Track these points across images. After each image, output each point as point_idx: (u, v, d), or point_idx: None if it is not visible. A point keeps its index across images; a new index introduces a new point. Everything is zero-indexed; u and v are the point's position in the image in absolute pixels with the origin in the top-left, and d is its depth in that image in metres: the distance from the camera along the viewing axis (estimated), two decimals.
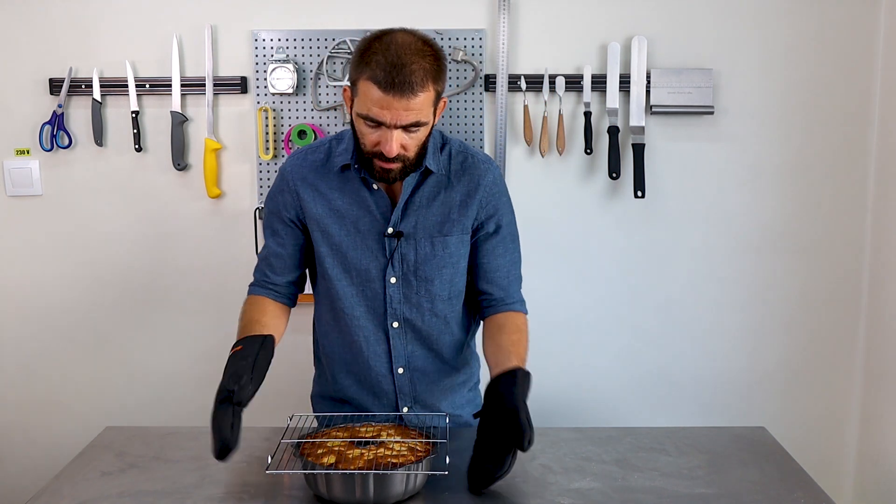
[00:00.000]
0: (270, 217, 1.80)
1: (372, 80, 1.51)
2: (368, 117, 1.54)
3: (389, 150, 1.55)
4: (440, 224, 1.73)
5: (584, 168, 2.47)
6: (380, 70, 1.50)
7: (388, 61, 1.50)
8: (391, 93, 1.50)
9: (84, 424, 2.40)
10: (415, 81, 1.51)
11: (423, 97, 1.53)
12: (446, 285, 1.77)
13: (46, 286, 2.54)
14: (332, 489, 1.47)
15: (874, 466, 2.46)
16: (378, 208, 1.72)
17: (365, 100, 1.53)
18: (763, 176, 2.48)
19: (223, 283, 2.53)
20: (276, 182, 1.80)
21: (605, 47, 2.40)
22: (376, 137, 1.57)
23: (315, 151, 1.77)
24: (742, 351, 2.55)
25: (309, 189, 1.74)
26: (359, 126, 1.59)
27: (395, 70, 1.50)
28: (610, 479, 1.59)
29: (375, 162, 1.61)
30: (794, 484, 1.59)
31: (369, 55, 1.53)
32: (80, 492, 1.55)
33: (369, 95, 1.52)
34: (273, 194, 1.79)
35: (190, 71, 2.44)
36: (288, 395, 2.58)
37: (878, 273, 2.45)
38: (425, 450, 1.54)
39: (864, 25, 2.41)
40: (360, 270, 1.75)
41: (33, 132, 2.46)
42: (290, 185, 1.76)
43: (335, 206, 1.73)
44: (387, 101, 1.51)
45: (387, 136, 1.55)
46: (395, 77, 1.49)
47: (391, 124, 1.54)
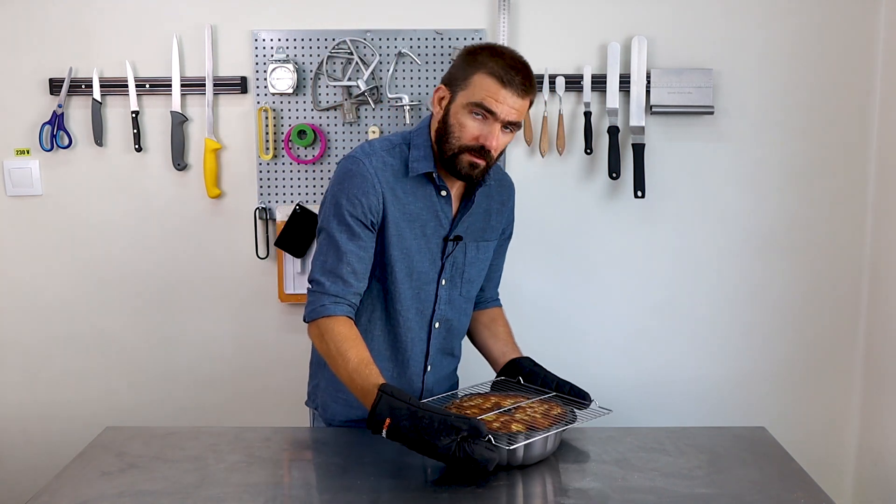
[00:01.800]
0: (348, 218, 1.72)
1: (492, 74, 1.65)
2: (481, 105, 1.66)
3: (492, 143, 1.67)
4: (482, 230, 1.87)
5: (584, 168, 2.47)
6: (500, 68, 1.66)
7: (507, 62, 1.67)
8: (509, 88, 1.65)
9: (84, 424, 2.40)
10: (528, 84, 1.68)
11: (527, 102, 1.70)
12: (477, 285, 1.93)
13: (46, 286, 2.54)
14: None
15: (874, 466, 2.46)
16: (443, 213, 1.80)
17: (479, 90, 1.66)
18: (763, 176, 2.48)
19: (223, 283, 2.53)
20: (354, 182, 1.72)
21: (605, 47, 2.40)
22: (478, 130, 1.68)
23: (391, 155, 1.77)
24: (742, 351, 2.55)
25: (391, 192, 1.75)
26: (460, 119, 1.69)
27: (515, 69, 1.67)
28: (610, 479, 1.59)
29: (465, 157, 1.70)
30: (794, 484, 1.59)
31: (484, 57, 1.68)
32: (80, 492, 1.55)
33: (486, 87, 1.65)
34: (354, 195, 1.72)
35: (190, 71, 2.44)
36: (288, 395, 2.59)
37: (878, 273, 2.45)
38: (559, 414, 1.68)
39: (864, 25, 2.41)
40: (420, 273, 1.81)
41: (33, 132, 2.46)
42: (377, 187, 1.73)
43: (409, 211, 1.77)
44: (503, 95, 1.65)
45: (492, 130, 1.67)
46: (516, 75, 1.66)
47: (501, 118, 1.67)
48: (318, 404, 1.94)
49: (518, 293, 2.49)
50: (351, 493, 1.54)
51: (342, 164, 1.77)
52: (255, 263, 2.51)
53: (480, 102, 1.66)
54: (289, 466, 1.75)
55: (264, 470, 1.66)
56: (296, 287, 2.48)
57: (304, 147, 2.43)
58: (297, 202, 2.46)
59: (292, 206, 2.44)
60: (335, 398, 1.89)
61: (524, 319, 2.51)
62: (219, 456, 1.70)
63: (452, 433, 1.47)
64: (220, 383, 2.58)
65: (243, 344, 2.57)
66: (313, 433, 1.91)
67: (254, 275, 2.52)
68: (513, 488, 1.56)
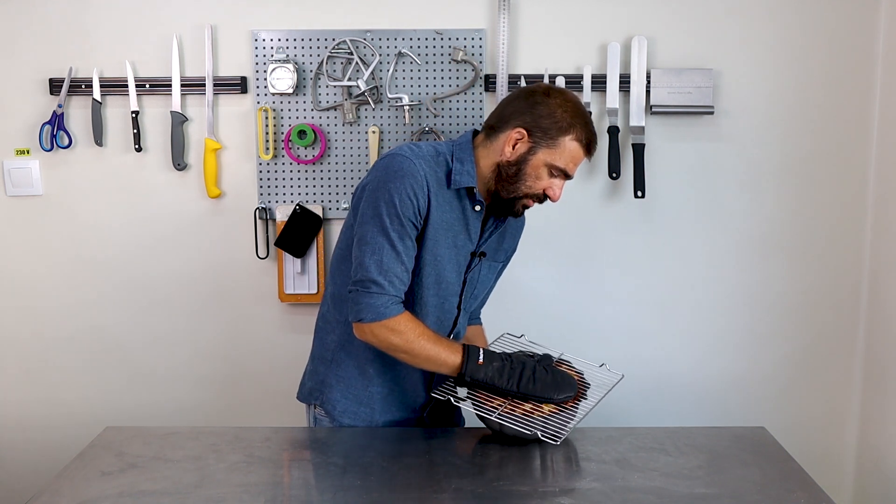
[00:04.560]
0: (404, 220, 1.72)
1: (581, 143, 1.78)
2: (564, 171, 1.79)
3: (557, 196, 1.82)
4: (496, 251, 1.94)
5: (584, 168, 2.47)
6: (588, 136, 1.78)
7: (590, 131, 1.79)
8: (588, 156, 1.82)
9: (84, 424, 2.40)
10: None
11: None
12: (476, 304, 2.03)
13: (46, 286, 2.54)
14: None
15: (874, 466, 2.46)
16: (473, 228, 1.84)
17: (567, 156, 1.78)
18: (763, 176, 2.48)
19: (223, 283, 2.53)
20: (406, 181, 1.71)
21: (605, 47, 2.40)
22: (548, 185, 1.80)
23: (436, 162, 1.80)
24: (742, 351, 2.55)
25: (435, 198, 1.77)
26: (538, 172, 1.78)
27: (595, 140, 1.81)
28: (610, 479, 1.59)
29: (523, 202, 1.82)
30: (794, 484, 1.59)
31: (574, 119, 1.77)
32: (80, 492, 1.55)
33: (574, 155, 1.78)
34: (406, 193, 1.71)
35: (190, 71, 2.44)
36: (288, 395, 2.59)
37: (878, 273, 2.45)
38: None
39: (864, 25, 2.41)
40: (447, 283, 1.84)
41: (33, 132, 2.46)
42: (425, 188, 1.74)
43: (446, 219, 1.80)
44: (580, 160, 1.81)
45: (559, 186, 1.81)
46: (593, 147, 1.81)
47: (570, 177, 1.83)
48: (325, 400, 1.92)
49: (518, 293, 2.50)
50: (351, 493, 1.54)
51: (390, 161, 1.74)
52: (255, 263, 2.51)
53: (565, 169, 1.79)
54: (289, 466, 1.75)
55: (264, 470, 1.66)
56: (296, 287, 2.48)
57: (304, 147, 2.43)
58: (297, 202, 2.46)
59: (292, 206, 2.44)
60: (345, 394, 1.89)
61: (524, 319, 2.51)
62: (219, 456, 1.70)
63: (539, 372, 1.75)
64: (220, 383, 2.58)
65: (243, 344, 2.57)
66: (313, 433, 1.91)
67: (254, 275, 2.52)
68: (513, 488, 1.56)
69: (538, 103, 1.77)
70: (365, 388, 1.88)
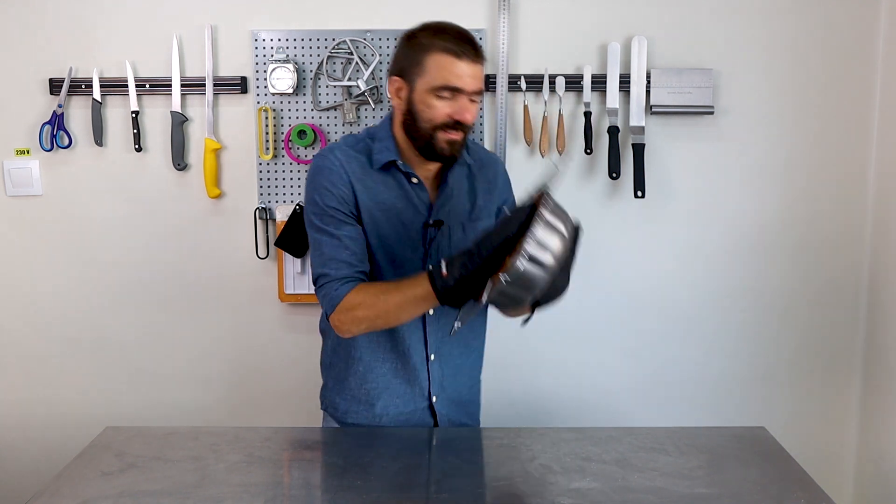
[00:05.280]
0: (331, 211, 1.74)
1: (445, 51, 1.67)
2: (447, 87, 1.67)
3: (467, 117, 1.69)
4: (469, 211, 1.85)
5: (584, 168, 2.47)
6: (451, 42, 1.68)
7: (454, 35, 1.69)
8: (465, 59, 1.67)
9: (84, 424, 2.40)
10: (479, 50, 1.70)
11: (483, 67, 1.72)
12: None
13: (46, 286, 2.54)
14: None
15: (874, 466, 2.46)
16: (420, 200, 1.79)
17: (440, 71, 1.67)
18: (763, 176, 2.48)
19: (223, 283, 2.53)
20: (324, 177, 1.75)
21: (605, 47, 2.40)
22: (450, 108, 1.69)
23: (356, 149, 1.79)
24: (742, 351, 2.55)
25: (360, 183, 1.76)
26: (429, 102, 1.69)
27: (465, 41, 1.69)
28: (610, 479, 1.59)
29: (441, 136, 1.71)
30: (794, 484, 1.59)
31: (428, 38, 1.69)
32: (80, 492, 1.55)
33: (443, 66, 1.67)
34: (325, 188, 1.75)
35: (190, 71, 2.44)
36: (287, 395, 2.59)
37: (879, 273, 2.45)
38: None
39: (864, 26, 2.41)
40: (404, 261, 1.80)
41: (33, 132, 2.46)
42: (346, 178, 1.75)
43: (381, 200, 1.78)
44: (463, 68, 1.67)
45: (464, 105, 1.69)
46: (466, 47, 1.68)
47: (469, 90, 1.68)
48: (328, 404, 1.95)
49: None
50: (351, 493, 1.54)
51: (311, 164, 1.79)
52: (255, 263, 2.51)
53: (445, 84, 1.68)
54: (289, 466, 1.75)
55: (264, 470, 1.66)
56: (296, 287, 2.48)
57: (304, 147, 2.43)
58: (297, 202, 2.46)
59: (292, 206, 2.44)
60: (342, 395, 1.91)
61: None
62: (219, 456, 1.70)
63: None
64: (220, 383, 2.58)
65: (243, 344, 2.57)
66: (313, 433, 1.91)
67: (254, 275, 2.52)
68: (513, 488, 1.56)
69: (399, 47, 1.75)
70: (360, 386, 1.88)
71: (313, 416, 2.47)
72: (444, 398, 1.91)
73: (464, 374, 1.96)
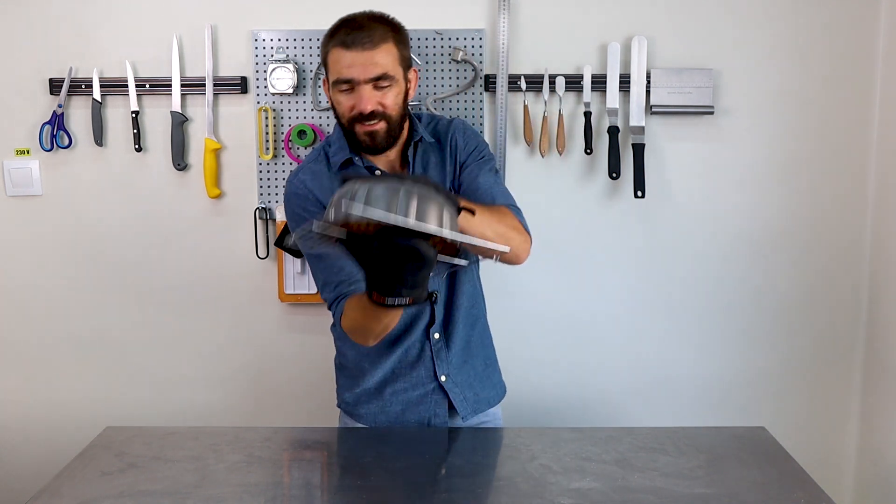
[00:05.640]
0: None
1: (336, 45, 1.67)
2: (340, 80, 1.67)
3: (364, 106, 1.67)
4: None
5: (584, 168, 2.47)
6: (342, 34, 1.67)
7: (347, 26, 1.68)
8: (354, 49, 1.65)
9: (84, 424, 2.40)
10: (374, 35, 1.67)
11: (384, 50, 1.68)
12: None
13: (46, 286, 2.54)
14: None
15: (874, 466, 2.46)
16: None
17: (333, 65, 1.68)
18: (763, 176, 2.48)
19: (223, 283, 2.53)
20: (294, 203, 1.80)
21: (605, 47, 2.40)
22: (351, 101, 1.69)
23: (315, 162, 1.83)
24: (742, 351, 2.55)
25: (326, 194, 1.77)
26: (336, 98, 1.70)
27: (354, 29, 1.67)
28: (610, 479, 1.59)
29: (357, 128, 1.70)
30: (794, 484, 1.59)
31: (334, 31, 1.70)
32: (80, 492, 1.55)
33: (336, 59, 1.67)
34: (297, 213, 1.79)
35: (190, 71, 2.44)
36: (287, 395, 2.59)
37: (879, 273, 2.45)
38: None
39: (864, 25, 2.41)
40: None
41: (33, 132, 2.46)
42: (312, 197, 1.78)
43: None
44: (352, 58, 1.66)
45: (359, 94, 1.67)
46: (354, 35, 1.66)
47: (360, 79, 1.66)
48: (342, 401, 1.98)
49: (518, 293, 2.50)
50: (351, 493, 1.54)
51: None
52: (255, 263, 2.51)
53: (337, 77, 1.68)
54: (289, 466, 1.75)
55: (264, 470, 1.66)
56: (296, 287, 2.48)
57: (304, 147, 2.43)
58: None
59: None
60: (351, 389, 1.94)
61: (524, 319, 2.52)
62: (219, 456, 1.70)
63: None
64: (219, 383, 2.58)
65: (243, 344, 2.57)
66: (313, 433, 1.91)
67: (254, 275, 2.52)
68: (512, 488, 1.56)
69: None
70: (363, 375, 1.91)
71: (313, 416, 2.48)
72: (454, 378, 1.90)
73: (472, 349, 1.95)
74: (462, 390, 1.91)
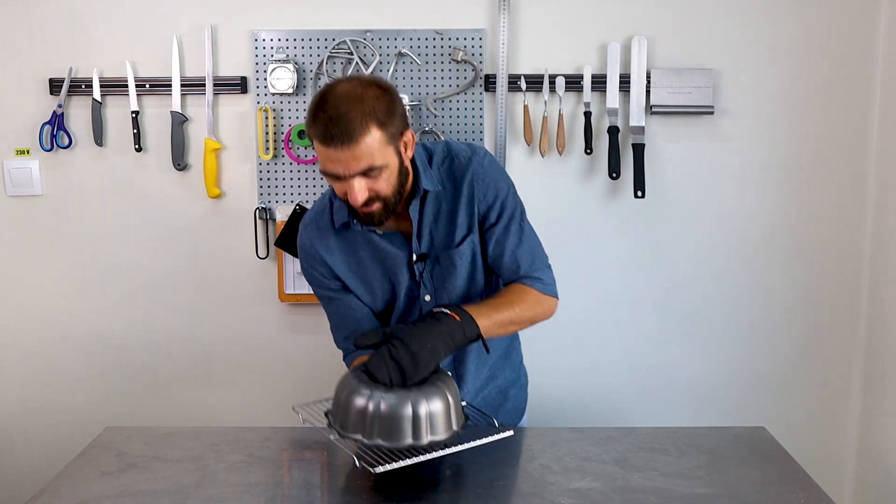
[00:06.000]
0: (319, 290, 1.83)
1: (316, 137, 1.55)
2: (325, 173, 1.58)
3: (354, 200, 1.58)
4: (451, 235, 1.75)
5: (584, 168, 2.47)
6: (321, 126, 1.53)
7: (326, 115, 1.53)
8: (332, 146, 1.52)
9: (84, 424, 2.40)
10: (353, 129, 1.51)
11: (368, 142, 1.53)
12: (468, 285, 1.79)
13: (46, 286, 2.54)
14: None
15: (874, 466, 2.46)
16: (394, 246, 1.75)
17: (319, 155, 1.57)
18: (763, 176, 2.48)
19: (223, 283, 2.53)
20: (302, 257, 1.82)
21: (605, 47, 2.40)
22: (342, 189, 1.59)
23: (321, 216, 1.79)
24: (742, 351, 2.55)
25: (332, 252, 1.78)
26: (329, 180, 1.61)
27: (332, 122, 1.51)
28: (610, 479, 1.59)
29: (356, 210, 1.64)
30: (794, 484, 1.59)
31: (314, 113, 1.55)
32: (80, 492, 1.55)
33: (319, 152, 1.56)
34: (307, 270, 1.82)
35: (190, 71, 2.44)
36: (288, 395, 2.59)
37: (878, 273, 2.45)
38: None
39: (864, 25, 2.41)
40: (399, 300, 1.81)
41: (33, 132, 2.46)
42: (316, 255, 1.79)
43: (359, 258, 1.78)
44: (333, 154, 1.53)
45: (349, 186, 1.57)
46: (333, 130, 1.51)
47: (344, 175, 1.55)
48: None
49: None
50: (351, 493, 1.54)
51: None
52: (255, 263, 2.51)
53: (324, 171, 1.58)
54: (289, 466, 1.75)
55: (264, 470, 1.66)
56: (296, 287, 2.48)
57: (304, 147, 2.43)
58: (297, 202, 2.46)
59: (292, 206, 2.44)
60: None
61: None
62: (219, 456, 1.70)
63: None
64: (220, 383, 2.58)
65: (243, 344, 2.57)
66: (313, 433, 1.91)
67: (254, 275, 2.52)
68: (512, 488, 1.56)
69: None
70: None
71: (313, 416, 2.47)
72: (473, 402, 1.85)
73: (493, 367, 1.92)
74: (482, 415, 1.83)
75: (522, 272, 1.77)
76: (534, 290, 1.77)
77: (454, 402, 1.55)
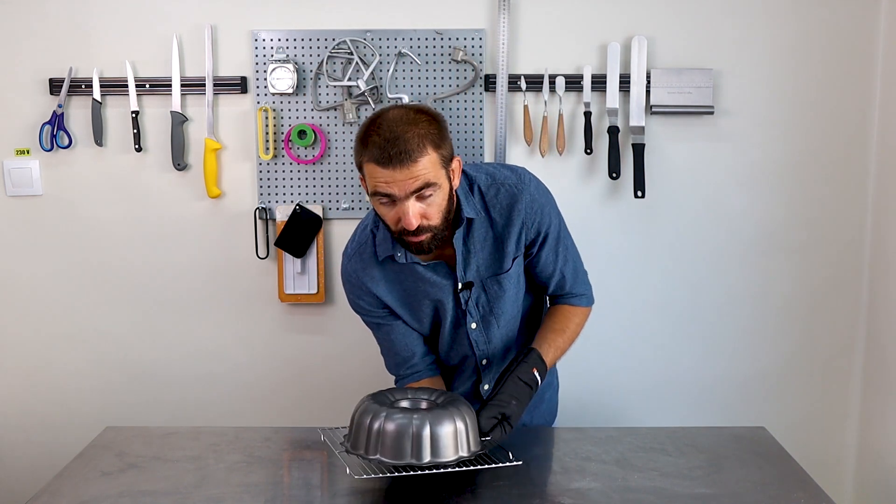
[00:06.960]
0: (367, 318, 1.86)
1: (372, 160, 1.55)
2: (377, 193, 1.57)
3: (409, 223, 1.57)
4: (497, 262, 1.77)
5: (584, 168, 2.47)
6: (376, 149, 1.54)
7: (382, 138, 1.54)
8: (390, 166, 1.53)
9: (84, 424, 2.40)
10: (411, 149, 1.53)
11: (425, 161, 1.55)
12: (515, 306, 1.85)
13: (46, 286, 2.54)
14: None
15: (874, 466, 2.46)
16: (439, 275, 1.76)
17: (371, 178, 1.57)
18: (763, 176, 2.48)
19: (223, 282, 2.53)
20: (347, 287, 1.84)
21: (605, 47, 2.40)
22: (394, 214, 1.59)
23: (364, 247, 1.79)
24: (742, 351, 2.55)
25: (377, 283, 1.79)
26: (377, 207, 1.62)
27: (390, 144, 1.53)
28: (610, 479, 1.59)
29: (405, 238, 1.63)
30: (794, 484, 1.59)
31: (366, 138, 1.57)
32: (80, 492, 1.55)
33: (373, 174, 1.56)
34: (353, 301, 1.84)
35: (190, 71, 2.44)
36: (287, 395, 2.59)
37: (878, 273, 2.45)
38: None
39: (864, 26, 2.41)
40: (447, 329, 1.83)
41: (33, 132, 2.46)
42: (363, 286, 1.80)
43: (406, 287, 1.79)
44: (390, 175, 1.54)
45: (403, 209, 1.57)
46: (390, 150, 1.53)
47: (401, 195, 1.56)
48: None
49: None
50: (351, 493, 1.54)
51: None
52: (255, 263, 2.51)
53: (375, 191, 1.58)
54: (289, 466, 1.75)
55: (264, 470, 1.66)
56: (296, 287, 2.48)
57: (304, 147, 2.43)
58: (297, 202, 2.46)
59: (292, 206, 2.44)
60: None
61: None
62: (219, 456, 1.71)
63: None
64: (220, 383, 2.58)
65: (243, 344, 2.57)
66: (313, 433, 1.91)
67: (254, 275, 2.52)
68: (512, 488, 1.56)
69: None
70: None
71: (313, 416, 2.48)
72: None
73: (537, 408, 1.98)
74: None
75: (568, 289, 1.87)
76: (580, 308, 1.89)
77: (465, 427, 1.55)
